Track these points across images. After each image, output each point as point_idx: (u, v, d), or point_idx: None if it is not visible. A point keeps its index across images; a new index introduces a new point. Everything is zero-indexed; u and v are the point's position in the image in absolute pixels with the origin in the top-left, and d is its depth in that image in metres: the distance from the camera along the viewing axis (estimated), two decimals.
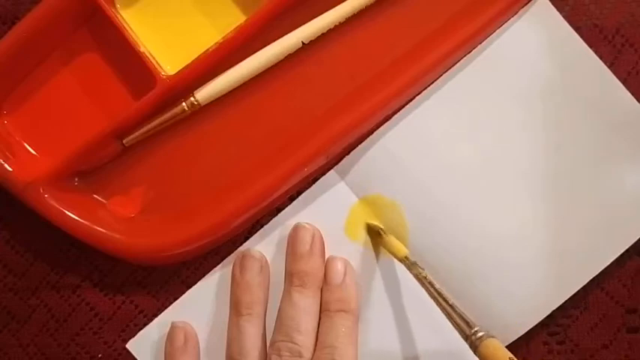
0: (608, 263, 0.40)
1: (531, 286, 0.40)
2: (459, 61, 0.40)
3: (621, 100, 0.40)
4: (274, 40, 0.40)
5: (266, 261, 0.41)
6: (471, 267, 0.41)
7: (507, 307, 0.40)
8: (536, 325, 0.40)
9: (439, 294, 0.37)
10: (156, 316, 0.42)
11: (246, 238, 0.42)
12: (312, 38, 0.40)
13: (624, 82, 0.40)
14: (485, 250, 0.41)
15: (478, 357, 0.35)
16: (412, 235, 0.41)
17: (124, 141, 0.40)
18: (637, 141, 0.40)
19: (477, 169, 0.41)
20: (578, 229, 0.40)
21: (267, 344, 0.40)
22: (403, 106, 0.40)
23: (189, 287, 0.42)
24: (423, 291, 0.41)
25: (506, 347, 0.40)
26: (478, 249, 0.41)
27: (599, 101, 0.40)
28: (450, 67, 0.40)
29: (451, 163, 0.41)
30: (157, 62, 0.39)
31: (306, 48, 0.40)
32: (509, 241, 0.41)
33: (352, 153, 0.41)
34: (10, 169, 0.39)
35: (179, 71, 0.39)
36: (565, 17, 0.40)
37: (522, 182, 0.41)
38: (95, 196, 0.41)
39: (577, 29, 0.40)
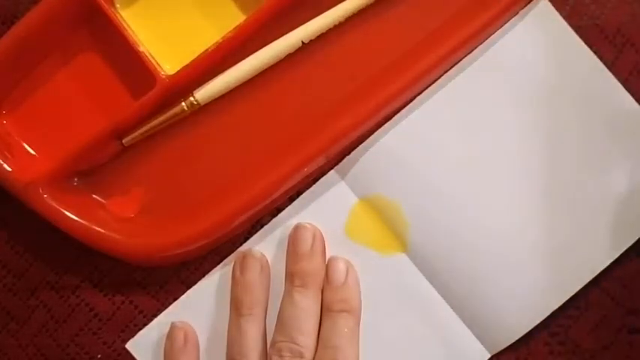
0: (608, 263, 0.40)
1: (532, 287, 0.40)
2: (459, 61, 0.40)
3: (621, 102, 0.40)
4: (274, 40, 0.40)
5: (266, 261, 0.41)
6: (472, 267, 0.41)
7: (508, 307, 0.40)
8: (537, 326, 0.40)
9: None
10: (155, 316, 0.42)
11: (246, 238, 0.42)
12: (312, 38, 0.40)
13: (625, 81, 0.40)
14: (486, 250, 0.41)
15: None
16: (413, 235, 0.41)
17: (124, 141, 0.40)
18: (637, 142, 0.40)
19: (478, 170, 0.41)
20: (579, 229, 0.40)
21: (268, 345, 0.40)
22: (404, 106, 0.40)
23: (189, 287, 0.42)
24: (425, 290, 0.41)
25: (507, 348, 0.41)
26: (479, 249, 0.41)
27: (599, 102, 0.40)
28: (451, 68, 0.40)
29: (452, 163, 0.41)
30: (156, 62, 0.39)
31: (306, 48, 0.40)
32: (509, 241, 0.41)
33: (352, 153, 0.41)
34: (9, 169, 0.39)
35: (179, 71, 0.39)
36: (565, 17, 0.40)
37: (523, 182, 0.40)
38: (94, 196, 0.41)
39: (577, 29, 0.40)
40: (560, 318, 0.41)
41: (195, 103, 0.40)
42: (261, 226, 0.41)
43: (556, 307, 0.40)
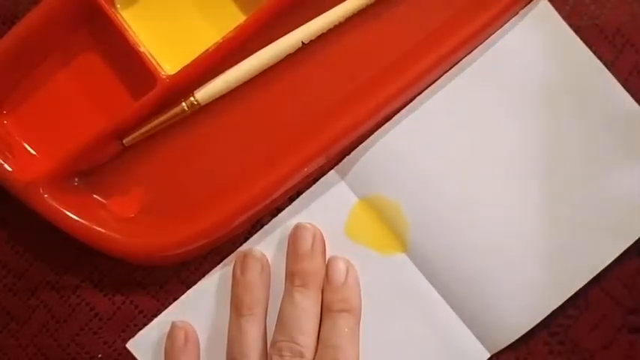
0: (608, 263, 0.40)
1: (532, 286, 0.40)
2: (459, 61, 0.40)
3: (621, 102, 0.40)
4: (274, 40, 0.40)
5: (267, 261, 0.41)
6: (472, 267, 0.41)
7: (508, 307, 0.40)
8: (537, 325, 0.40)
9: None
10: (156, 316, 0.42)
11: (246, 238, 0.42)
12: (312, 38, 0.40)
13: (625, 81, 0.40)
14: (485, 250, 0.41)
15: None
16: (413, 235, 0.41)
17: (124, 141, 0.40)
18: (636, 142, 0.40)
19: (478, 170, 0.41)
20: (579, 229, 0.40)
21: (268, 344, 0.40)
22: (404, 106, 0.40)
23: (189, 287, 0.42)
24: (425, 291, 0.41)
25: (507, 347, 0.41)
26: (479, 249, 0.41)
27: (598, 102, 0.40)
28: (451, 68, 0.40)
29: (451, 164, 0.41)
30: (156, 62, 0.39)
31: (306, 48, 0.40)
32: (509, 241, 0.41)
33: (352, 153, 0.41)
34: (9, 169, 0.39)
35: (179, 71, 0.39)
36: (565, 17, 0.40)
37: (522, 182, 0.40)
38: (95, 196, 0.41)
39: (577, 29, 0.40)
40: (560, 318, 0.41)
41: (195, 103, 0.40)
42: (261, 226, 0.42)
43: (556, 306, 0.40)
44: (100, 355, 0.42)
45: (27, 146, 0.41)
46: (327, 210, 0.41)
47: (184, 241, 0.40)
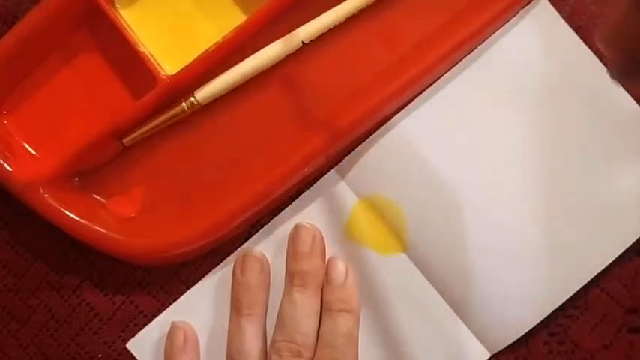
0: (608, 263, 0.40)
1: (531, 286, 0.40)
2: (459, 61, 0.40)
3: (620, 101, 0.40)
4: (274, 40, 0.40)
5: (267, 261, 0.41)
6: (472, 267, 0.41)
7: (508, 306, 0.40)
8: (536, 325, 0.40)
9: None
10: (156, 316, 0.42)
11: (246, 238, 0.42)
12: (312, 38, 0.40)
13: None
14: (485, 250, 0.41)
15: None
16: (412, 235, 0.41)
17: (124, 141, 0.40)
18: (636, 141, 0.40)
19: (478, 170, 0.41)
20: (578, 229, 0.40)
21: (268, 344, 0.40)
22: (404, 106, 0.40)
23: (189, 287, 0.42)
24: (425, 291, 0.41)
25: (507, 347, 0.41)
26: (478, 249, 0.41)
27: (598, 102, 0.40)
28: (451, 68, 0.40)
29: (451, 164, 0.41)
30: (156, 62, 0.39)
31: (306, 48, 0.40)
32: (509, 241, 0.41)
33: (352, 153, 0.41)
34: (10, 169, 0.39)
35: (179, 71, 0.39)
36: (565, 17, 0.40)
37: (523, 182, 0.41)
38: (95, 196, 0.41)
39: (577, 29, 0.40)
40: (559, 318, 0.41)
41: (195, 103, 0.40)
42: (261, 226, 0.42)
43: (556, 306, 0.40)
44: (100, 355, 0.42)
45: (27, 146, 0.41)
46: (327, 210, 0.41)
47: (184, 241, 0.40)
